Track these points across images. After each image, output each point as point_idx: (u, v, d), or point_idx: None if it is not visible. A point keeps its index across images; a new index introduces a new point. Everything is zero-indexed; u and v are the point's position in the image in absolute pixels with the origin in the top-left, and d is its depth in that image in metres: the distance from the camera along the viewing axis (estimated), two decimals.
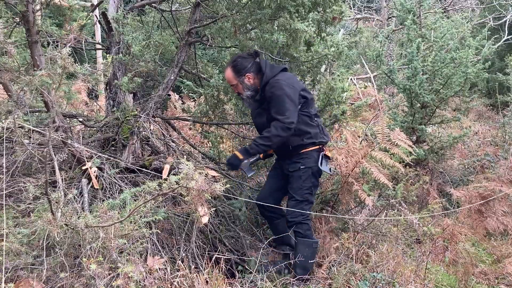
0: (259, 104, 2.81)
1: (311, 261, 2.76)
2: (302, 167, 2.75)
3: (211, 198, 2.21)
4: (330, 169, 2.86)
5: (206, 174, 2.45)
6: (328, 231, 3.23)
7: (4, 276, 1.75)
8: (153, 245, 2.36)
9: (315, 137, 2.75)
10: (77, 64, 1.87)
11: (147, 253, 2.26)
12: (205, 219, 2.12)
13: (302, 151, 2.75)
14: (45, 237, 1.87)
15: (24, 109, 1.94)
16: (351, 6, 12.27)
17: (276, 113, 2.62)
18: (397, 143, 3.10)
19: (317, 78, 3.38)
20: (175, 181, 1.28)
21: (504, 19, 9.82)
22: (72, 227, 1.72)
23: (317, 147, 2.78)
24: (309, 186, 2.76)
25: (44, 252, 1.87)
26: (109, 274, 1.89)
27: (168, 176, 2.67)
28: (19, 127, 1.95)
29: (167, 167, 2.61)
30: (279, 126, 2.60)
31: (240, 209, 3.10)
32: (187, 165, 1.20)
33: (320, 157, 2.77)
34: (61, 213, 1.74)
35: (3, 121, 1.70)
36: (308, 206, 2.78)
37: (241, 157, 2.69)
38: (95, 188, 2.48)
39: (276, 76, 2.68)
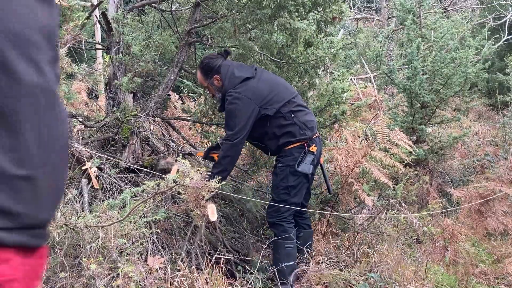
0: None
1: (286, 263, 2.58)
2: (279, 165, 2.62)
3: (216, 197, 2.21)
4: (311, 168, 2.61)
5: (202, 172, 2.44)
6: (328, 231, 3.23)
7: None
8: (153, 245, 2.36)
9: (292, 135, 2.58)
10: (75, 64, 1.87)
11: (147, 253, 2.26)
12: (213, 217, 2.10)
13: (283, 149, 2.62)
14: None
15: None
16: (351, 6, 12.27)
17: (226, 126, 2.54)
18: (397, 143, 3.10)
19: (312, 81, 3.35)
20: (172, 180, 1.28)
21: (504, 19, 9.82)
22: (71, 227, 1.72)
23: (297, 144, 2.59)
24: (286, 186, 2.58)
25: None
26: (109, 274, 1.89)
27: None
28: None
29: (175, 168, 2.58)
30: (225, 146, 2.51)
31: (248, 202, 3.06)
32: (183, 163, 1.20)
33: (301, 155, 2.59)
34: (61, 213, 1.74)
35: None
36: (285, 208, 2.59)
37: None
38: (95, 188, 2.48)
39: (235, 87, 2.52)
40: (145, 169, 2.75)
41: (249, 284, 2.50)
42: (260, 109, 2.53)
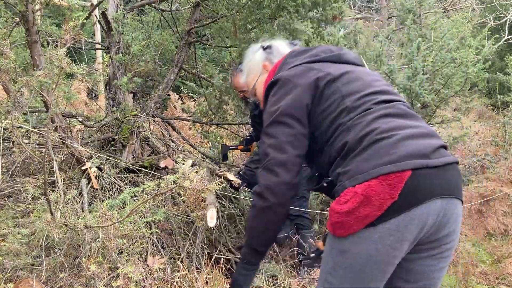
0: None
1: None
2: None
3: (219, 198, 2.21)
4: None
5: (223, 177, 2.41)
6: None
7: (4, 276, 1.75)
8: (153, 245, 2.35)
9: None
10: (75, 64, 1.87)
11: (147, 253, 2.25)
12: (212, 223, 2.10)
13: None
14: (45, 238, 1.87)
15: (23, 109, 1.94)
16: (351, 6, 12.27)
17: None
18: None
19: None
20: (172, 181, 1.27)
21: (505, 19, 9.81)
22: (71, 227, 1.72)
23: None
24: None
25: (44, 253, 1.87)
26: (108, 275, 1.88)
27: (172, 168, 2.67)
28: (18, 127, 1.94)
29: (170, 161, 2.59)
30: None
31: None
32: (183, 163, 1.19)
33: None
34: (60, 213, 1.74)
35: (2, 121, 1.70)
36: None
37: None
38: (95, 188, 2.48)
39: None
40: (145, 169, 2.75)
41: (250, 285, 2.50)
42: None
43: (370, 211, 1.13)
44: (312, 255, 1.62)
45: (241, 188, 2.80)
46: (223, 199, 3.12)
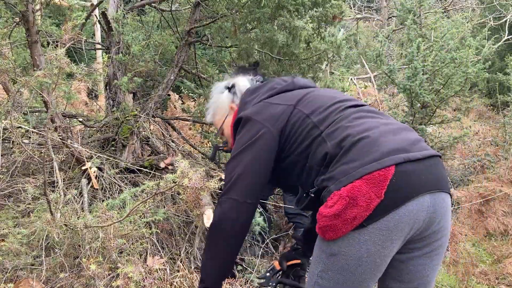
0: None
1: None
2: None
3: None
4: None
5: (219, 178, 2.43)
6: None
7: (4, 276, 1.75)
8: (152, 245, 2.35)
9: None
10: (75, 64, 1.87)
11: (146, 253, 2.25)
12: (209, 223, 2.10)
13: None
14: (45, 238, 1.87)
15: (23, 109, 1.94)
16: (351, 6, 12.27)
17: None
18: None
19: (317, 75, 3.36)
20: (172, 180, 1.27)
21: (504, 19, 9.81)
22: (71, 227, 1.72)
23: None
24: None
25: (44, 253, 1.87)
26: (108, 274, 1.88)
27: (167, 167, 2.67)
28: (18, 127, 1.95)
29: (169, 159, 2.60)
30: None
31: None
32: (182, 162, 1.18)
33: None
34: (60, 213, 1.74)
35: (2, 121, 1.70)
36: None
37: None
38: (95, 188, 2.48)
39: None
40: (145, 169, 2.75)
41: (249, 284, 2.50)
42: None
43: (357, 212, 1.13)
44: (267, 274, 1.62)
45: None
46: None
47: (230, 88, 1.63)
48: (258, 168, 1.36)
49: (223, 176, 2.70)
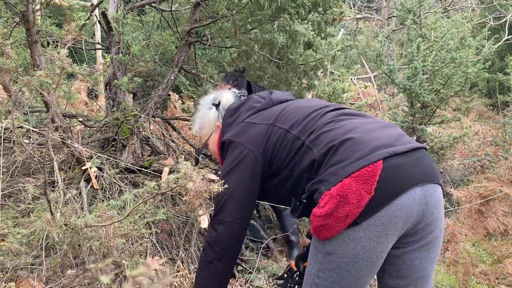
0: None
1: None
2: None
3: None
4: None
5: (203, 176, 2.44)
6: None
7: (5, 276, 1.75)
8: (152, 245, 2.36)
9: None
10: (75, 64, 1.87)
11: (146, 253, 2.25)
12: (204, 224, 2.11)
13: None
14: (45, 237, 1.87)
15: (23, 109, 1.94)
16: (351, 6, 12.27)
17: None
18: None
19: (311, 82, 3.35)
20: (173, 181, 1.28)
21: (504, 19, 9.81)
22: (71, 227, 1.72)
23: None
24: None
25: (44, 252, 1.87)
26: (115, 276, 1.88)
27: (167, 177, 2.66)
28: (18, 127, 1.95)
29: (166, 170, 2.60)
30: None
31: None
32: (185, 164, 1.19)
33: None
34: (60, 213, 1.74)
35: (2, 121, 1.70)
36: None
37: None
38: (95, 189, 2.48)
39: None
40: (145, 169, 2.75)
41: (249, 284, 2.50)
42: None
43: (349, 210, 1.14)
44: (285, 275, 1.64)
45: None
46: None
47: (217, 106, 1.66)
48: (245, 187, 1.40)
49: (211, 177, 2.73)
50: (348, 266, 1.19)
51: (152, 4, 3.58)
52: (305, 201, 1.29)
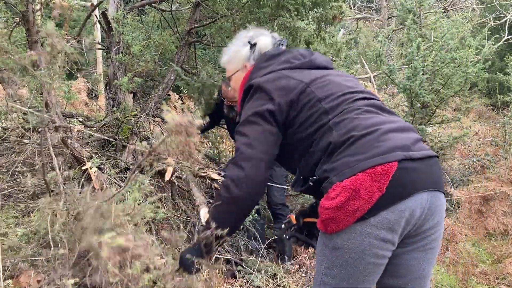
0: None
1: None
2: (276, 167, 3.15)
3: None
4: None
5: (207, 177, 2.44)
6: None
7: (4, 274, 1.75)
8: (152, 245, 2.35)
9: None
10: (75, 64, 1.87)
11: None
12: (167, 176, 2.09)
13: None
14: (47, 232, 1.86)
15: (23, 109, 1.94)
16: (351, 6, 12.27)
17: None
18: None
19: None
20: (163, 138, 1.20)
21: (504, 19, 9.81)
22: (73, 209, 1.69)
23: None
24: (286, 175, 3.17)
25: (43, 251, 1.86)
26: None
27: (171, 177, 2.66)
28: (18, 127, 1.95)
29: (170, 169, 2.60)
30: None
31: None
32: (167, 110, 1.12)
33: None
34: (63, 198, 1.72)
35: (2, 121, 1.70)
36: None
37: None
38: (96, 189, 2.48)
39: None
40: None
41: (249, 284, 2.50)
42: None
43: (359, 205, 1.15)
44: (283, 226, 1.62)
45: None
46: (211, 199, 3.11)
47: (252, 46, 1.59)
48: (269, 130, 1.34)
49: (212, 176, 2.73)
50: (356, 262, 1.20)
51: (152, 4, 3.58)
52: (311, 184, 1.29)
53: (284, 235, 1.60)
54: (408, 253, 1.28)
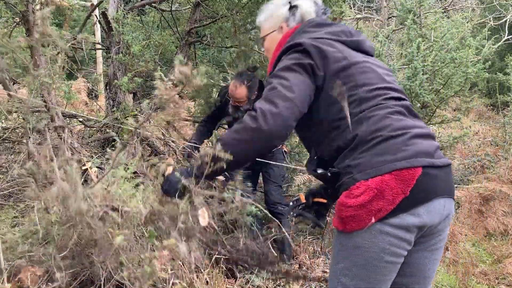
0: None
1: None
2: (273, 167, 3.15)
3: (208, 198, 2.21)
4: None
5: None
6: (326, 231, 3.23)
7: (5, 273, 1.75)
8: (152, 245, 2.35)
9: None
10: (75, 64, 1.87)
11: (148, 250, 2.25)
12: (204, 222, 2.08)
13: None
14: (43, 233, 1.86)
15: (23, 109, 1.94)
16: (351, 6, 12.27)
17: None
18: None
19: None
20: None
21: (504, 19, 9.81)
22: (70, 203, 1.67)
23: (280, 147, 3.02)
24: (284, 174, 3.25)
25: (42, 248, 1.86)
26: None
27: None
28: (18, 127, 1.95)
29: (170, 169, 2.59)
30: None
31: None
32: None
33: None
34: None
35: (2, 121, 1.70)
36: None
37: None
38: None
39: None
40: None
41: (249, 284, 2.50)
42: None
43: (383, 205, 1.16)
44: (291, 203, 1.57)
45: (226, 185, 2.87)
46: (211, 199, 3.12)
47: (292, 7, 1.51)
48: (303, 82, 1.27)
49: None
50: (376, 261, 1.20)
51: (152, 4, 3.58)
52: (329, 174, 1.28)
53: (292, 212, 1.57)
54: (416, 252, 1.29)
